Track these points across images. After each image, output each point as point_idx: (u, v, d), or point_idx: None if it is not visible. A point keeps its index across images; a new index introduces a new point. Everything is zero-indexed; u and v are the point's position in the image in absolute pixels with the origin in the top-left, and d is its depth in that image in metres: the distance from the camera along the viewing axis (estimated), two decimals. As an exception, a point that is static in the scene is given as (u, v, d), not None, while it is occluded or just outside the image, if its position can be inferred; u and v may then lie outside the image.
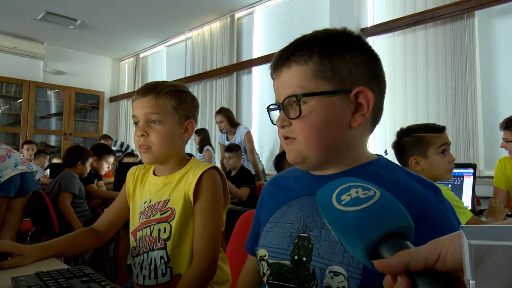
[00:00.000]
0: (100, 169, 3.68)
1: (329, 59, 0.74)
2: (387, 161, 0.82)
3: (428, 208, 0.70)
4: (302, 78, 0.75)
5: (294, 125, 0.77)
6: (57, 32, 6.94)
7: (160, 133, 1.20)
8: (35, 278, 0.88)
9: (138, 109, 1.22)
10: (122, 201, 1.35)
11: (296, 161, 0.79)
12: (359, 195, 0.49)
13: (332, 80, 0.74)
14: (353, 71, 0.75)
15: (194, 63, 6.83)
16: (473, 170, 2.29)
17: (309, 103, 0.74)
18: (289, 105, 0.77)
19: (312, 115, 0.74)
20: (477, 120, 3.60)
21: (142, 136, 1.20)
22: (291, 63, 0.76)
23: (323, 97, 0.74)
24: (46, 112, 7.96)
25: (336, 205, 0.49)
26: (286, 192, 0.88)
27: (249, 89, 5.96)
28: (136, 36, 7.33)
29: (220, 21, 6.35)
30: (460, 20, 3.74)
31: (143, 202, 1.27)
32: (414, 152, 1.69)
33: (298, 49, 0.76)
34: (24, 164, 2.97)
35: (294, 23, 5.34)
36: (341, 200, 0.49)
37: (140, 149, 1.21)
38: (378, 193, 0.49)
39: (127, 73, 8.77)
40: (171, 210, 1.20)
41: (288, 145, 0.79)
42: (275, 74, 0.81)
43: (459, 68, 3.71)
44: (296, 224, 0.80)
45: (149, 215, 1.22)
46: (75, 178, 3.07)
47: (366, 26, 4.42)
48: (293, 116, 0.76)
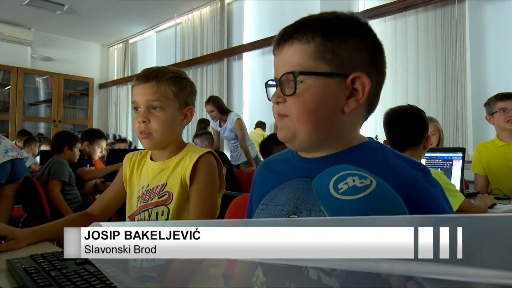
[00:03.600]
0: (92, 153, 3.63)
1: (332, 42, 0.74)
2: (377, 143, 0.82)
3: (416, 188, 0.71)
4: (302, 56, 0.75)
5: (288, 102, 0.77)
6: (44, 17, 6.81)
7: (161, 120, 1.21)
8: (30, 260, 0.89)
9: (139, 96, 1.22)
10: (117, 186, 1.36)
11: (286, 138, 0.80)
12: (356, 184, 0.50)
13: (331, 63, 0.74)
14: (353, 56, 0.75)
15: (184, 49, 6.77)
16: (462, 154, 2.32)
17: (306, 82, 0.75)
18: (286, 82, 0.77)
19: (306, 94, 0.75)
20: (466, 105, 3.63)
21: (143, 123, 1.21)
22: (294, 40, 0.76)
23: (320, 78, 0.74)
24: (34, 99, 7.88)
25: (333, 194, 0.50)
26: (277, 175, 0.89)
27: (240, 75, 5.94)
28: (125, 22, 7.23)
29: (210, 6, 6.29)
30: (450, 5, 3.75)
31: (141, 187, 1.28)
32: None
33: (302, 27, 0.76)
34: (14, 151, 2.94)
35: (285, 8, 5.30)
36: (338, 188, 0.50)
37: (141, 134, 1.23)
38: (374, 182, 0.50)
39: (116, 59, 8.67)
40: (169, 193, 1.22)
41: (281, 122, 0.80)
42: (276, 50, 0.81)
43: (449, 53, 3.73)
44: (286, 206, 0.81)
45: (147, 199, 1.24)
46: (64, 164, 3.04)
47: (357, 10, 4.40)
48: (288, 93, 0.76)
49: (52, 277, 0.80)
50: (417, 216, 0.43)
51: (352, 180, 0.50)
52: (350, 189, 0.49)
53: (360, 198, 0.48)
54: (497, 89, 3.42)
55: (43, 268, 0.84)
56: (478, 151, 2.76)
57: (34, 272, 0.82)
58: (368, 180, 0.50)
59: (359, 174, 0.51)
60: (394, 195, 0.49)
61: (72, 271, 0.82)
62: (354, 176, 0.51)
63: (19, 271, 0.83)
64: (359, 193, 0.48)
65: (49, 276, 0.80)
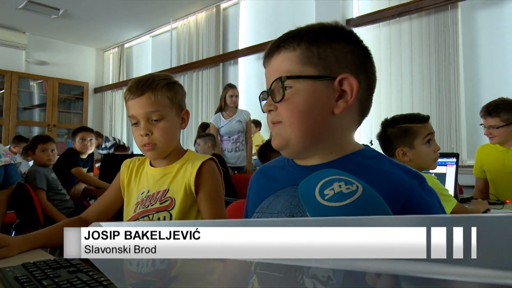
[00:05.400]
0: (83, 149, 3.58)
1: (317, 46, 0.75)
2: (373, 151, 0.82)
3: (412, 197, 0.71)
4: (289, 63, 0.76)
5: (279, 109, 0.78)
6: (39, 21, 6.79)
7: (163, 130, 1.20)
8: (22, 269, 0.88)
9: (137, 109, 1.19)
10: (114, 192, 1.35)
11: (280, 145, 0.80)
12: (342, 189, 0.49)
13: (318, 66, 0.75)
14: (340, 59, 0.76)
15: (179, 54, 6.77)
16: (456, 159, 2.33)
17: (294, 87, 0.75)
18: (276, 90, 0.78)
19: (295, 98, 0.75)
20: (460, 110, 3.66)
21: (146, 135, 1.19)
22: (281, 49, 0.78)
23: (308, 81, 0.75)
24: (29, 103, 7.83)
25: (319, 200, 0.49)
26: (272, 182, 0.89)
27: (235, 80, 5.94)
28: (120, 26, 7.22)
29: (205, 11, 6.30)
30: (444, 11, 3.79)
31: (140, 193, 1.27)
32: (401, 143, 1.69)
33: (289, 37, 0.78)
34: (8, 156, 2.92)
35: (280, 13, 5.33)
36: (324, 194, 0.49)
37: (145, 147, 1.21)
38: (360, 188, 0.49)
39: (111, 64, 8.65)
40: (171, 199, 1.21)
41: (274, 130, 0.80)
42: (266, 62, 0.82)
43: (443, 59, 3.76)
44: (282, 214, 0.81)
45: (147, 205, 1.23)
46: (37, 172, 3.02)
47: (352, 17, 4.43)
48: (277, 99, 0.77)
49: (44, 286, 0.79)
50: (430, 216, 0.42)
51: (338, 186, 0.49)
52: (337, 195, 0.48)
53: (347, 205, 0.47)
54: (490, 94, 3.44)
55: (36, 277, 0.83)
56: (478, 154, 2.76)
57: (26, 281, 0.81)
58: (355, 186, 0.49)
59: (345, 180, 0.50)
60: (381, 201, 0.48)
61: (65, 280, 0.81)
62: (340, 181, 0.50)
63: (10, 280, 0.82)
64: (345, 199, 0.48)
65: (41, 285, 0.80)
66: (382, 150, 1.79)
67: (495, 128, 2.48)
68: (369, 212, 0.46)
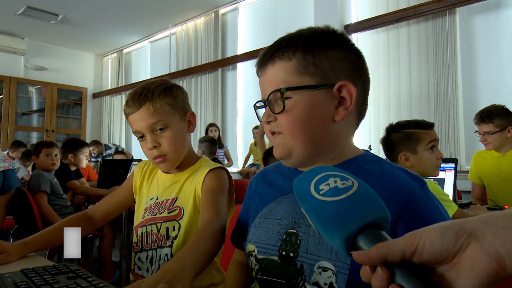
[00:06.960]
0: (79, 163, 3.59)
1: (312, 55, 0.76)
2: (373, 156, 0.83)
3: (413, 200, 0.72)
4: (286, 73, 0.76)
5: (279, 120, 0.78)
6: (38, 27, 6.81)
7: (170, 138, 1.16)
8: (21, 275, 0.88)
9: (139, 123, 1.16)
10: (124, 193, 1.32)
11: (282, 155, 0.80)
12: (337, 185, 0.48)
13: (315, 75, 0.75)
14: (336, 66, 0.76)
15: (178, 59, 6.78)
16: (454, 164, 2.33)
17: (293, 98, 0.76)
18: (274, 101, 0.78)
19: (295, 109, 0.76)
20: (458, 115, 3.67)
21: (154, 148, 1.16)
22: (276, 59, 0.78)
23: (307, 91, 0.75)
24: (27, 108, 7.83)
25: (314, 195, 0.49)
26: (274, 188, 0.89)
27: (234, 85, 5.96)
28: (119, 32, 7.24)
29: (204, 17, 6.32)
30: (441, 17, 3.81)
31: (150, 199, 1.25)
32: (404, 148, 1.69)
33: (282, 46, 0.78)
34: (6, 161, 2.92)
35: (279, 19, 5.35)
36: (319, 189, 0.49)
37: (156, 160, 1.17)
38: (356, 183, 0.49)
39: (110, 69, 8.66)
40: (180, 208, 1.18)
41: (275, 140, 0.81)
42: (260, 71, 0.82)
43: (441, 64, 3.77)
44: (284, 220, 0.81)
45: (155, 213, 1.20)
46: (42, 175, 3.02)
47: (350, 22, 4.45)
48: (277, 111, 0.77)
49: (43, 292, 0.79)
50: None
51: (334, 181, 0.49)
52: (332, 190, 0.48)
53: (342, 199, 0.47)
54: (488, 99, 3.46)
55: (35, 283, 0.82)
56: (474, 160, 2.78)
57: (25, 287, 0.81)
58: (350, 181, 0.49)
59: (341, 175, 0.50)
60: (376, 197, 0.48)
61: (64, 286, 0.81)
62: (336, 177, 0.50)
63: (10, 287, 0.82)
64: (341, 194, 0.47)
65: (41, 291, 0.79)
66: (385, 154, 1.79)
67: (489, 134, 2.50)
68: (365, 207, 0.46)
